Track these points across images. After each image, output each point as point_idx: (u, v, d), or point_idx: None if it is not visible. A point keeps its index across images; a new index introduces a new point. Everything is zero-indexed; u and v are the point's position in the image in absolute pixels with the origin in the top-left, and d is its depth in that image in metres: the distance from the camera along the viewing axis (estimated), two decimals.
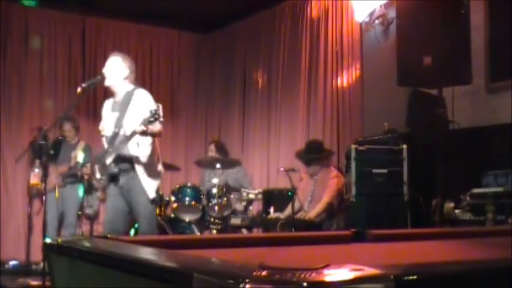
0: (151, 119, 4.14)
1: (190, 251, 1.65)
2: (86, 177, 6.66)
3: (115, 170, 4.41)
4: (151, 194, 4.39)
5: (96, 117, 4.44)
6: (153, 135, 4.40)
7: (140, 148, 4.37)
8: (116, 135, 4.43)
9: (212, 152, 6.88)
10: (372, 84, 6.29)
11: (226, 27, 8.44)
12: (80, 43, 7.99)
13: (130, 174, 4.38)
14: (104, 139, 4.60)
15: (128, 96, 4.50)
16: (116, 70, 4.53)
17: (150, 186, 4.39)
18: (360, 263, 1.10)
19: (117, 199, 4.48)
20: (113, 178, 4.46)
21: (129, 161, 4.39)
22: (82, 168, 6.67)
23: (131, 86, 4.56)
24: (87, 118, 7.52)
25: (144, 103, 4.46)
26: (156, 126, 4.31)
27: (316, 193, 5.76)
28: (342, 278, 1.02)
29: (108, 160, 4.43)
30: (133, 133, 4.26)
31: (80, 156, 6.70)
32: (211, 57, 8.79)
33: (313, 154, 5.78)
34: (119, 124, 4.44)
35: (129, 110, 4.45)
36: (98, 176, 4.49)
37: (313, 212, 5.60)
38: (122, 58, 4.60)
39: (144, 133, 4.26)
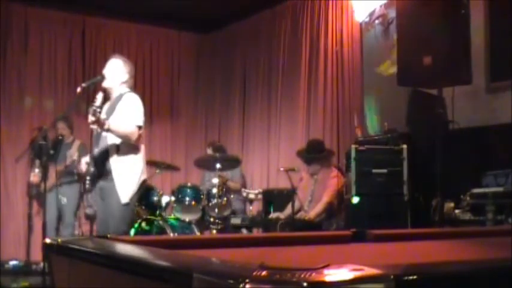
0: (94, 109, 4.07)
1: (190, 251, 1.65)
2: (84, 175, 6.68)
3: (92, 169, 4.41)
4: (124, 199, 4.30)
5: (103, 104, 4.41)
6: (121, 136, 4.33)
7: (119, 154, 4.35)
8: (99, 136, 4.42)
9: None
10: (372, 84, 6.29)
11: (226, 27, 8.44)
12: (80, 43, 7.99)
13: (108, 177, 4.35)
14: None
15: (118, 99, 4.49)
16: (116, 73, 4.52)
17: (123, 191, 4.31)
18: (360, 263, 1.10)
19: (99, 202, 4.48)
20: (93, 178, 4.46)
21: (107, 161, 4.36)
22: (78, 166, 6.68)
23: (126, 89, 4.53)
24: (87, 118, 7.50)
25: (127, 107, 4.41)
26: (121, 128, 4.28)
27: (316, 193, 5.76)
28: (342, 278, 1.02)
29: (90, 159, 4.44)
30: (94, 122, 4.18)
31: (75, 154, 6.71)
32: (211, 57, 8.79)
33: (314, 153, 5.79)
34: None
35: (114, 112, 4.43)
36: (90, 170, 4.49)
37: (312, 212, 5.60)
38: (123, 62, 4.57)
39: (97, 124, 4.15)
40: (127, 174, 4.35)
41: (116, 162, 4.34)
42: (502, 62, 5.06)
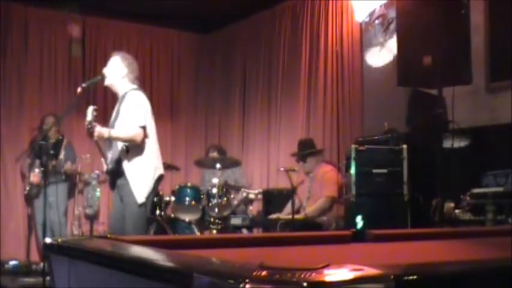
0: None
1: (190, 251, 1.65)
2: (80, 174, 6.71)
3: (110, 167, 4.43)
4: (140, 199, 4.31)
5: (96, 117, 4.41)
6: (124, 141, 4.34)
7: (130, 154, 4.36)
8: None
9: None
10: (372, 84, 6.29)
11: (226, 27, 8.44)
12: (80, 43, 7.99)
13: (124, 176, 4.37)
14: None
15: (122, 99, 4.48)
16: (114, 69, 4.52)
17: (139, 192, 4.31)
18: (360, 263, 1.10)
19: (117, 199, 4.48)
20: (111, 177, 4.48)
21: (120, 162, 4.39)
22: (70, 165, 6.69)
23: (130, 87, 4.51)
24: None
25: (129, 108, 4.40)
26: (122, 133, 4.31)
27: (314, 189, 5.78)
28: (342, 278, 1.02)
29: (107, 159, 4.46)
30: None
31: (62, 154, 6.72)
32: (211, 57, 8.79)
33: (308, 150, 5.84)
34: (111, 126, 4.44)
35: (120, 114, 4.43)
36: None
37: (312, 208, 5.61)
38: (121, 57, 4.57)
39: (93, 137, 4.24)
40: (140, 175, 4.35)
41: (127, 164, 4.35)
42: (502, 62, 5.06)
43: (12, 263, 6.49)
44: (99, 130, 4.23)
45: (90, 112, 4.19)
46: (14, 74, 7.53)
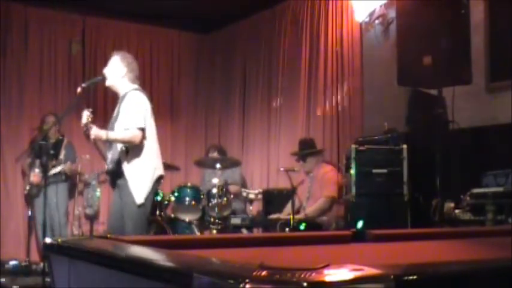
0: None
1: (190, 251, 1.65)
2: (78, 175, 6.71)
3: (110, 167, 4.43)
4: (139, 200, 4.29)
5: (96, 117, 4.42)
6: (122, 142, 4.34)
7: (129, 155, 4.35)
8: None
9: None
10: (372, 84, 6.29)
11: (226, 27, 8.44)
12: (80, 43, 7.99)
13: (123, 176, 4.36)
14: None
15: (122, 100, 4.47)
16: (114, 69, 4.51)
17: (137, 192, 4.30)
18: (360, 263, 1.10)
19: (116, 198, 4.48)
20: (112, 178, 4.48)
21: (120, 163, 4.39)
22: (70, 165, 6.69)
23: (130, 87, 4.49)
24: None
25: (128, 109, 4.38)
26: (119, 135, 4.32)
27: (313, 189, 5.78)
28: (342, 278, 1.02)
29: (107, 159, 4.46)
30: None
31: (62, 153, 6.72)
32: (211, 57, 8.79)
33: (308, 149, 5.84)
34: (111, 127, 4.43)
35: (120, 115, 4.42)
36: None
37: (311, 208, 5.61)
38: (120, 57, 4.55)
39: (90, 139, 4.29)
40: (139, 175, 4.34)
41: (126, 165, 4.34)
42: (502, 62, 5.06)
43: (12, 263, 6.49)
44: (96, 132, 4.23)
45: (85, 115, 4.22)
46: (14, 74, 7.53)
